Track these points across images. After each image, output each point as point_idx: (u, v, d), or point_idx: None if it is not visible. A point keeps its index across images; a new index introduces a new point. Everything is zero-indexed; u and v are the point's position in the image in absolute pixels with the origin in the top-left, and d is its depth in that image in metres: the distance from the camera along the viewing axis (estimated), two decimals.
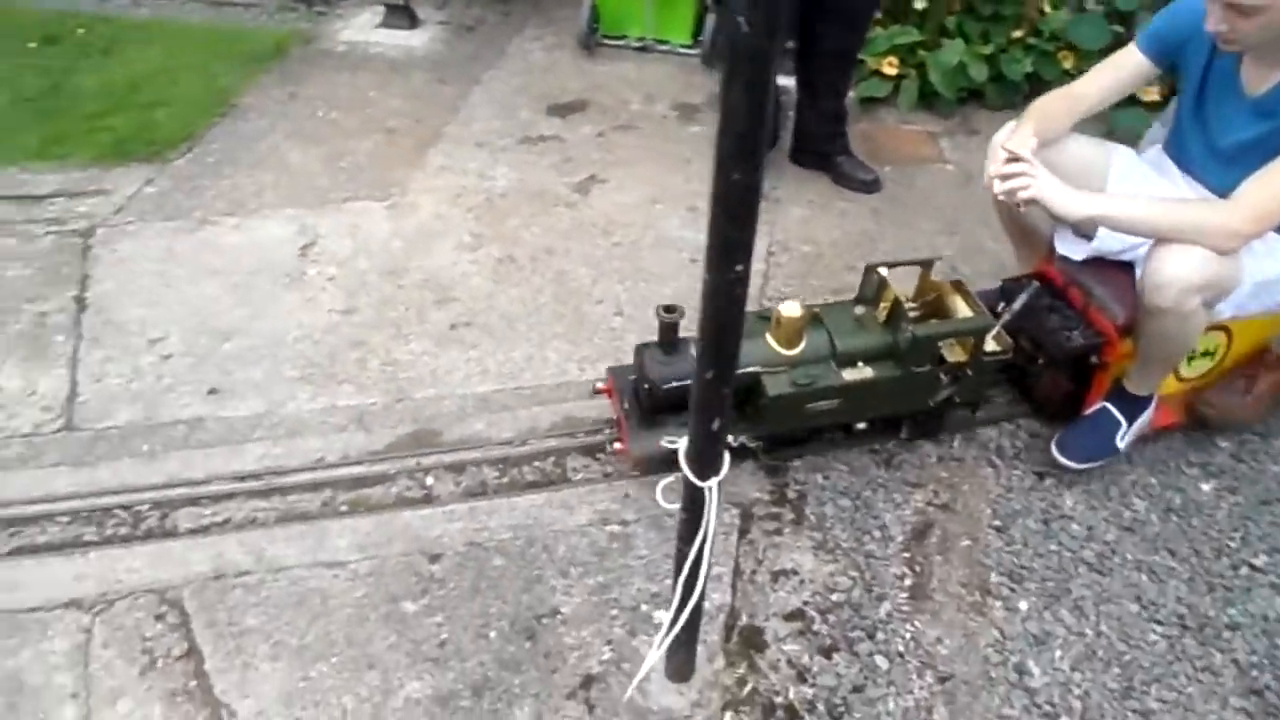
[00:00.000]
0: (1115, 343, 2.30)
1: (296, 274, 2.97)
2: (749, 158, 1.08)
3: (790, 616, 2.12)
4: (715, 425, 1.43)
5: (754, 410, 2.27)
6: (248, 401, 2.55)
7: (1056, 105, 2.25)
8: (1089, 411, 2.42)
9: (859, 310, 2.31)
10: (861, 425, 2.41)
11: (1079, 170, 2.23)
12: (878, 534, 2.30)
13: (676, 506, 1.60)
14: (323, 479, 2.34)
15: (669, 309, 2.15)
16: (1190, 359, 2.41)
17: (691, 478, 1.50)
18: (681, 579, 1.61)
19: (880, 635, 2.09)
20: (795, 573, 2.20)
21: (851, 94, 3.73)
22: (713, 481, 1.50)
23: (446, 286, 2.94)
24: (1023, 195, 2.06)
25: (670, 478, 1.75)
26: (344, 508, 2.28)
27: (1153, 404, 2.40)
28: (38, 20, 4.54)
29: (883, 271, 2.29)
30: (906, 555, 2.26)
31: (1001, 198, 2.14)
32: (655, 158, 3.59)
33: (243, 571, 2.13)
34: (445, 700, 1.92)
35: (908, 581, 2.20)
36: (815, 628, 2.10)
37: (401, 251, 3.07)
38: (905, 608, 2.15)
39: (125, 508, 2.26)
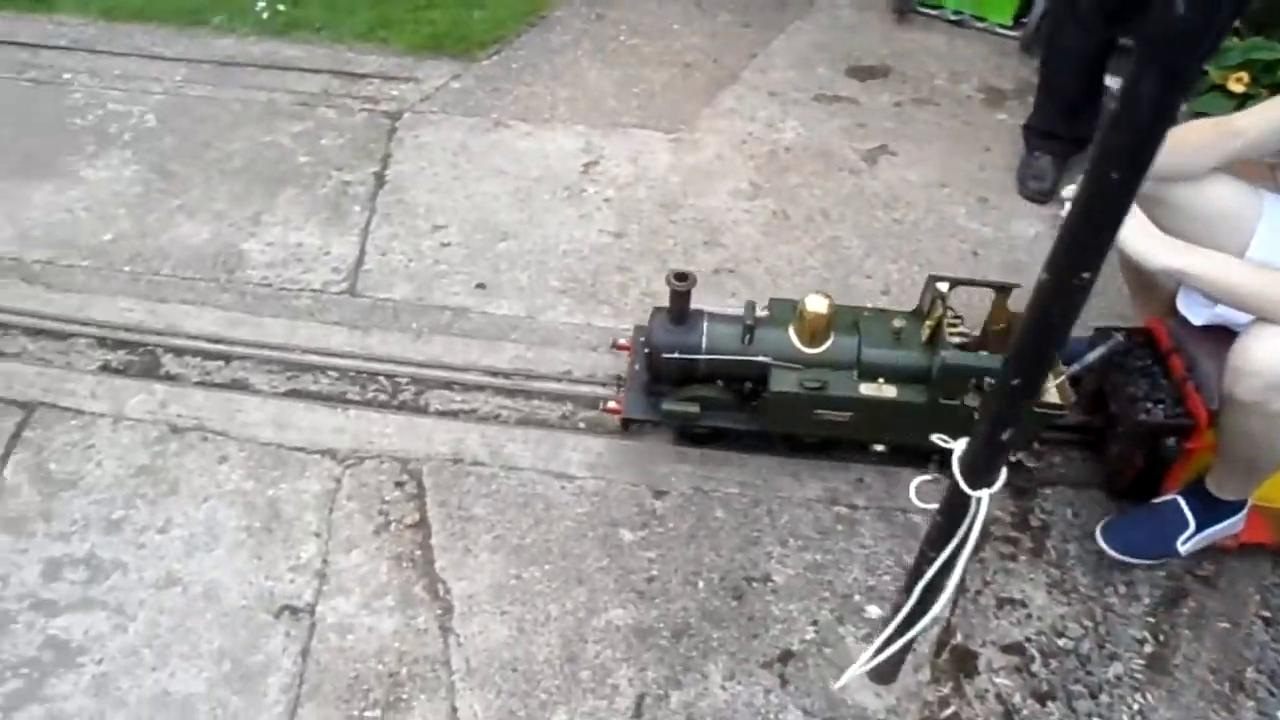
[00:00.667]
0: (1201, 430, 1.93)
1: (576, 189, 3.03)
2: (1137, 158, 0.94)
3: (1009, 649, 1.97)
4: (1005, 435, 1.31)
5: (757, 402, 2.10)
6: (510, 302, 2.63)
7: (1201, 135, 1.86)
8: (1157, 500, 2.07)
9: (899, 323, 2.06)
10: (879, 447, 2.17)
11: (1217, 218, 1.87)
12: (1123, 589, 2.09)
13: (931, 507, 1.49)
14: (566, 392, 2.39)
15: (680, 276, 2.02)
16: None
17: (962, 484, 1.38)
18: (920, 585, 1.51)
19: (1104, 698, 1.91)
20: (1023, 605, 2.04)
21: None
22: (984, 493, 1.38)
23: (717, 229, 2.90)
24: None
25: (927, 476, 1.65)
26: (581, 424, 2.32)
27: (1240, 514, 2.02)
28: None
29: (941, 286, 2.03)
30: (1151, 620, 2.04)
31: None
32: (951, 139, 3.37)
33: (479, 461, 2.21)
34: (644, 634, 1.92)
35: (1147, 649, 1.99)
36: (1034, 668, 1.94)
37: (679, 186, 3.06)
38: (1139, 676, 1.95)
39: (388, 376, 2.41)
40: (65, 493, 2.15)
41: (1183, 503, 2.03)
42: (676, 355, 2.07)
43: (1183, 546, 2.03)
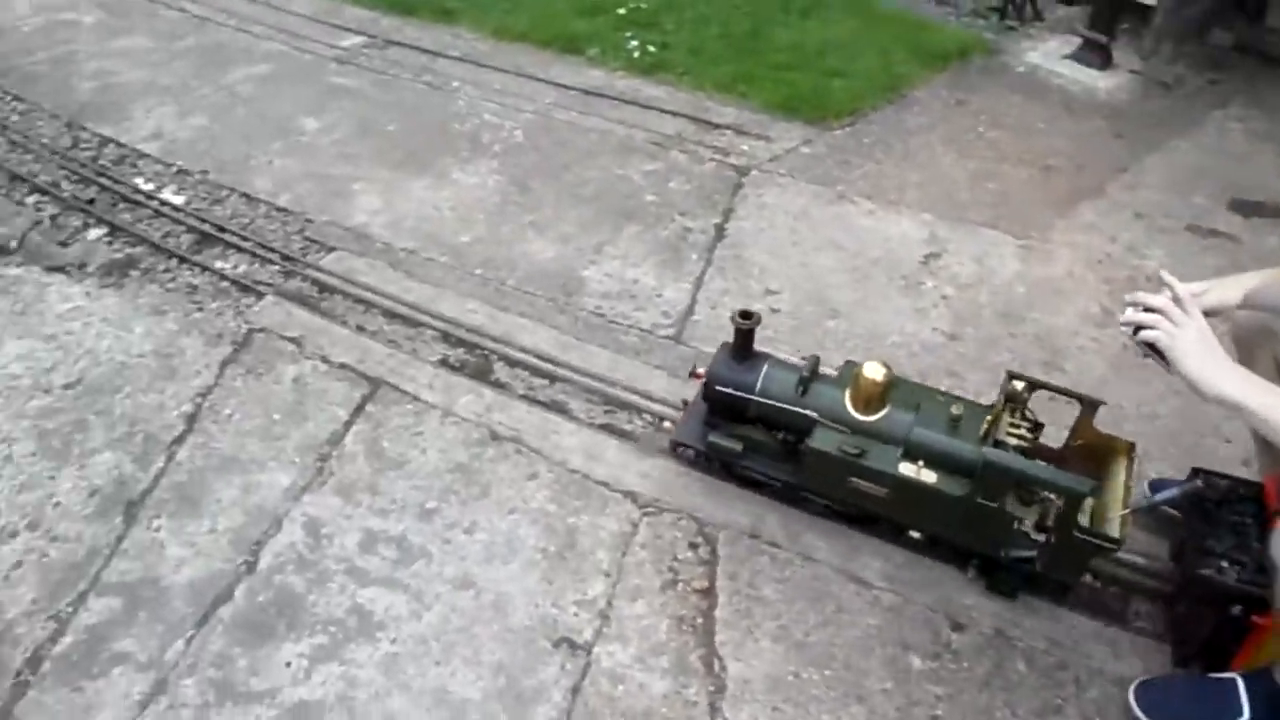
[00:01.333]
0: (1273, 611, 1.62)
1: (914, 280, 2.92)
2: None
3: None
4: None
5: (798, 457, 2.07)
6: None
7: None
8: (1215, 675, 1.78)
9: (959, 410, 1.95)
10: (916, 534, 2.08)
11: None
12: None
13: None
14: None
15: (745, 315, 2.07)
16: None
17: None
18: None
19: None
20: None
21: None
22: None
23: (1059, 352, 2.69)
24: (1145, 335, 1.57)
25: None
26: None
27: None
28: None
29: (1016, 384, 1.94)
30: None
31: (1122, 329, 1.64)
32: None
33: (775, 543, 2.15)
34: None
35: None
36: None
37: (1023, 297, 2.88)
38: None
39: None
40: (391, 471, 2.31)
41: (1242, 685, 1.71)
42: (730, 391, 2.10)
43: None
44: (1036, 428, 1.98)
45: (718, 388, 2.12)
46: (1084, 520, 1.88)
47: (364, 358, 2.60)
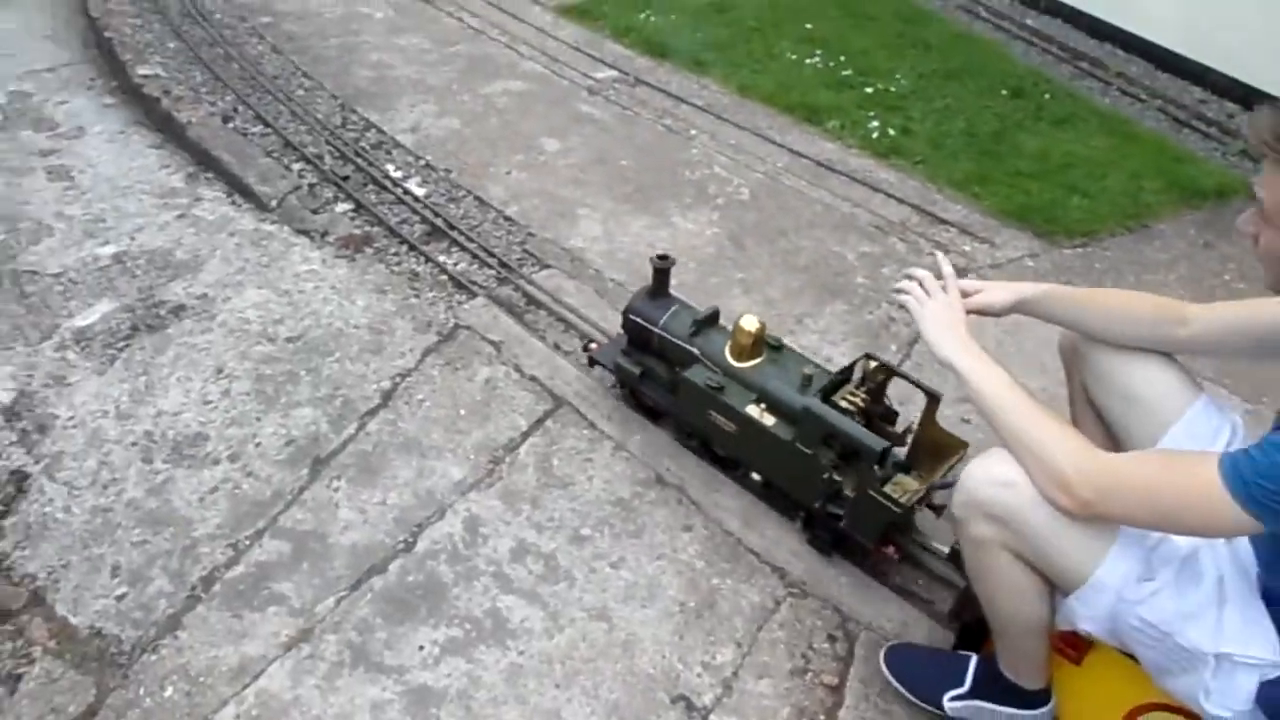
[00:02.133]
0: None
1: None
2: None
3: None
4: None
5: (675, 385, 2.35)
6: None
7: (1142, 308, 1.73)
8: (960, 652, 1.95)
9: (811, 371, 2.20)
10: (757, 477, 2.34)
11: (1134, 400, 1.73)
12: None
13: None
14: None
15: (662, 257, 2.42)
16: None
17: None
18: None
19: None
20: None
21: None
22: None
23: None
24: (899, 298, 1.83)
25: None
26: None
27: (1032, 712, 1.77)
28: (1015, 73, 4.85)
29: (871, 363, 2.15)
30: None
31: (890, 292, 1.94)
32: None
33: None
34: None
35: None
36: None
37: None
38: None
39: None
40: (556, 490, 2.37)
41: (972, 662, 1.88)
42: (638, 321, 2.43)
43: (949, 703, 1.87)
44: (889, 414, 2.20)
45: (630, 316, 2.45)
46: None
47: (554, 375, 2.70)
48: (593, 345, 2.71)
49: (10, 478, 2.40)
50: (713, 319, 2.39)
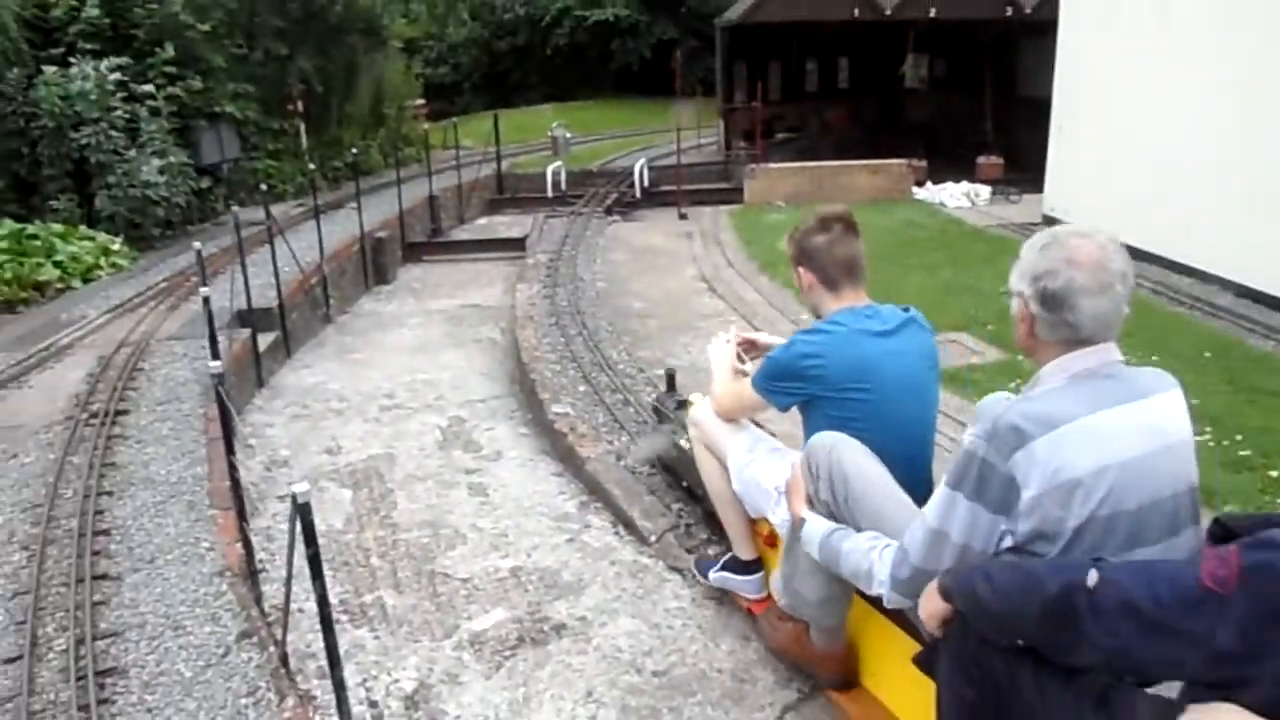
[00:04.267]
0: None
1: None
2: None
3: None
4: None
5: None
6: None
7: (741, 405, 2.87)
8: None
9: None
10: None
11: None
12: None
13: None
14: None
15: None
16: None
17: None
18: None
19: None
20: None
21: None
22: None
23: None
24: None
25: None
26: None
27: (744, 578, 3.04)
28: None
29: None
30: None
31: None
32: None
33: None
34: None
35: None
36: None
37: None
38: None
39: None
40: None
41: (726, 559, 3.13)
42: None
43: (712, 574, 3.16)
44: None
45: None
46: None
47: None
48: None
49: None
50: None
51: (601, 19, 25.22)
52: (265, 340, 6.71)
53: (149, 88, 10.28)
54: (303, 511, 2.10)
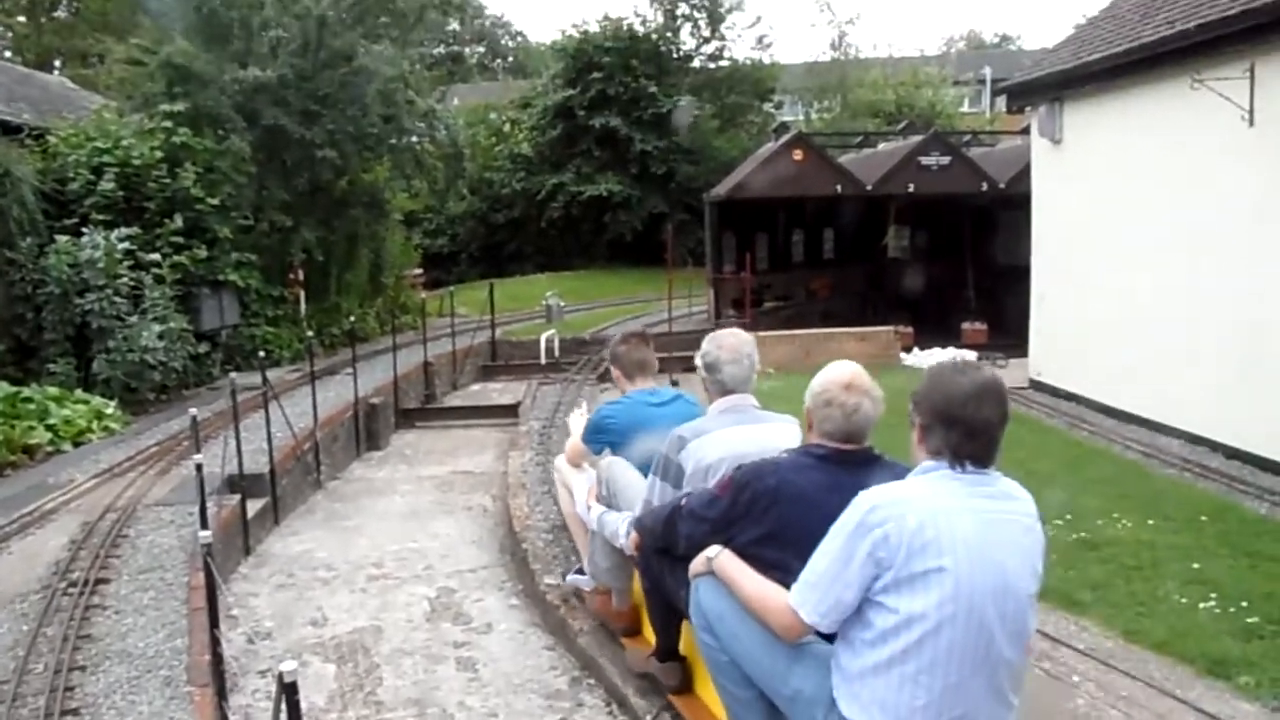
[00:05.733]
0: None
1: None
2: None
3: None
4: None
5: None
6: None
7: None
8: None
9: None
10: None
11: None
12: None
13: None
14: None
15: None
16: None
17: None
18: None
19: None
20: None
21: None
22: None
23: None
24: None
25: None
26: None
27: (586, 576, 4.15)
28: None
29: None
30: None
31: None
32: None
33: None
34: None
35: None
36: None
37: None
38: None
39: None
40: None
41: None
42: None
43: (567, 577, 4.47)
44: None
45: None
46: None
47: None
48: None
49: None
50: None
51: (595, 194, 26.26)
52: (254, 506, 6.62)
53: (156, 256, 10.54)
54: (289, 691, 2.03)
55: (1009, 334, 12.48)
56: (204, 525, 3.85)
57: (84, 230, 10.07)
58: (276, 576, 5.94)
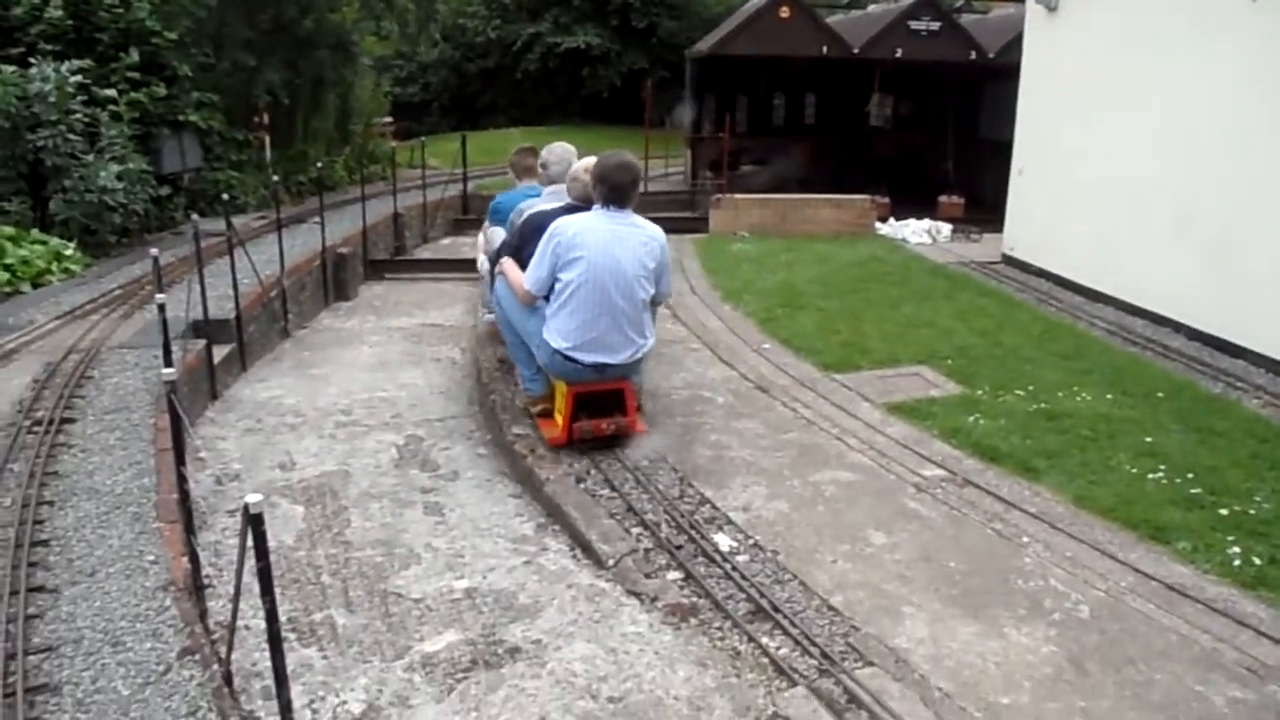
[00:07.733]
0: None
1: None
2: None
3: None
4: None
5: None
6: None
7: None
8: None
9: None
10: None
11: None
12: None
13: None
14: None
15: None
16: None
17: None
18: None
19: None
20: None
21: None
22: None
23: None
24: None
25: None
26: None
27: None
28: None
29: None
30: None
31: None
32: None
33: None
34: None
35: None
36: None
37: None
38: None
39: None
40: None
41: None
42: None
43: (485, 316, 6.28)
44: None
45: None
46: None
47: None
48: None
49: None
50: None
51: (573, 46, 25.34)
52: (220, 352, 6.56)
53: (111, 92, 10.08)
54: (255, 523, 2.04)
55: (986, 208, 12.41)
56: (168, 364, 3.79)
57: (31, 60, 9.57)
58: (244, 421, 5.95)
